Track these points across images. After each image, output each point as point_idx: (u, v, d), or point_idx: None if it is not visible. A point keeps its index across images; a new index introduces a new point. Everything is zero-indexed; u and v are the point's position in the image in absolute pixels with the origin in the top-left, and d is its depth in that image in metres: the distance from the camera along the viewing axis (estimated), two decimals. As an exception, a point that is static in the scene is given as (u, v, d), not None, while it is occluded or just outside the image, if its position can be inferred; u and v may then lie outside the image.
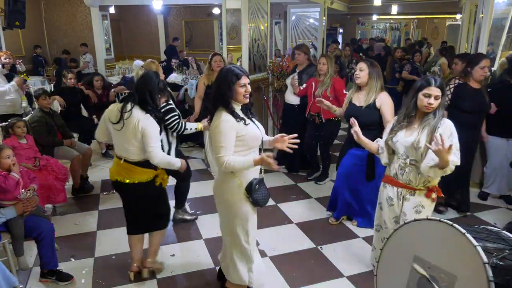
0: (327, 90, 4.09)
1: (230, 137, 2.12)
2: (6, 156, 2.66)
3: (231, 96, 2.15)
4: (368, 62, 3.17)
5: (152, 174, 2.54)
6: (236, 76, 2.13)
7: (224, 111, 2.15)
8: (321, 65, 4.09)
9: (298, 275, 2.83)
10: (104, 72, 7.84)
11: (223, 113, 2.14)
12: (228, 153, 2.12)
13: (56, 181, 3.51)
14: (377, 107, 3.10)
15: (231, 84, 2.13)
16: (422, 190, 2.35)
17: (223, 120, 2.11)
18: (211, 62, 4.33)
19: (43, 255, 2.67)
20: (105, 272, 2.87)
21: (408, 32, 15.78)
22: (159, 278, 2.81)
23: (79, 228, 3.49)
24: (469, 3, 6.79)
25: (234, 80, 2.13)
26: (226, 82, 2.14)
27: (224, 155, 2.11)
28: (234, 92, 2.15)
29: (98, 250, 3.16)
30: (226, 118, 2.12)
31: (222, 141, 2.11)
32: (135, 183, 2.50)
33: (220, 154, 2.11)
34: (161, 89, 2.55)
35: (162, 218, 2.76)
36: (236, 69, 2.18)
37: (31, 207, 2.63)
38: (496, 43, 4.52)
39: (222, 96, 2.15)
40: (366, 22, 16.57)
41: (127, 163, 2.49)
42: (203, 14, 11.17)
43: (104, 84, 5.53)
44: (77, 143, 4.34)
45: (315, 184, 4.50)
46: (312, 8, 8.91)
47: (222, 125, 2.11)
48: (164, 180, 2.65)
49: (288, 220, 3.67)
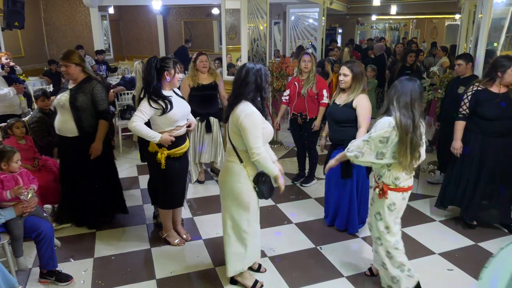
0: (313, 88, 4.11)
1: (261, 128, 2.26)
2: (17, 160, 2.68)
3: (265, 91, 2.36)
4: (350, 66, 3.10)
5: (153, 148, 2.86)
6: (268, 75, 2.41)
7: (249, 104, 2.27)
8: (306, 63, 4.08)
9: (297, 275, 2.83)
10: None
11: (249, 105, 2.26)
12: (261, 144, 2.26)
13: (55, 182, 3.50)
14: (353, 107, 3.13)
15: (268, 80, 2.36)
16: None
17: (255, 112, 2.25)
18: (196, 62, 4.11)
19: (43, 255, 2.67)
20: (104, 273, 2.87)
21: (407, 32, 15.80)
22: (158, 278, 2.81)
23: (78, 229, 3.48)
24: (468, 3, 6.79)
25: (268, 78, 2.39)
26: (265, 79, 2.31)
27: (261, 146, 2.25)
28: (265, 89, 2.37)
29: (98, 250, 3.15)
30: (254, 110, 2.26)
31: (258, 132, 2.24)
32: (149, 152, 2.93)
33: (258, 144, 2.24)
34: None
35: (160, 196, 3.07)
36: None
37: (31, 208, 2.62)
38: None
39: (260, 90, 2.30)
40: (365, 22, 16.59)
41: None
42: (203, 15, 11.18)
43: (103, 85, 5.51)
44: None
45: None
46: (311, 8, 8.92)
47: (255, 116, 2.24)
48: (161, 160, 2.84)
49: (288, 220, 3.67)
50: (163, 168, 2.86)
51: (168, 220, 3.20)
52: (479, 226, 3.51)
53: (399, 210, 2.45)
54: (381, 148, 2.28)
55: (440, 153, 4.53)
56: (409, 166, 2.27)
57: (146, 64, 2.84)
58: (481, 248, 3.23)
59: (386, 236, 2.46)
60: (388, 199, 2.39)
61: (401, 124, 2.21)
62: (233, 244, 2.49)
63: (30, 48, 9.20)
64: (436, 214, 3.77)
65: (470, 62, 4.01)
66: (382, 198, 2.40)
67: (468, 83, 3.95)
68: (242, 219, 2.42)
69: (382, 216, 2.44)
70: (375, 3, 8.58)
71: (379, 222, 2.47)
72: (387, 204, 2.41)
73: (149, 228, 3.52)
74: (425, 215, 3.79)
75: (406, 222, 3.60)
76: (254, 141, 2.22)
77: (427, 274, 2.85)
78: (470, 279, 2.81)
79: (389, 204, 2.41)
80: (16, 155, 2.68)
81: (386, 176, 2.37)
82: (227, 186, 2.42)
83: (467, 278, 2.83)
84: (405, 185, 2.38)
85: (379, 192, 2.40)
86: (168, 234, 3.23)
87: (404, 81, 2.32)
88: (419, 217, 3.75)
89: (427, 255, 3.11)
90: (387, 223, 2.44)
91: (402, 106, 2.24)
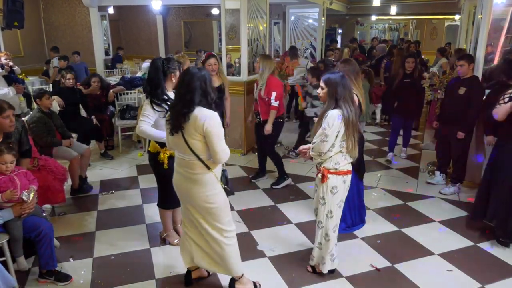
0: (261, 91, 4.09)
1: (223, 131, 2.32)
2: (11, 161, 2.63)
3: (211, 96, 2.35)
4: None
5: (155, 148, 2.88)
6: (211, 80, 2.40)
7: (203, 108, 2.26)
8: (256, 64, 4.07)
9: (296, 275, 2.83)
10: (103, 73, 7.82)
11: (205, 109, 2.24)
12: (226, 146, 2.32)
13: (55, 182, 3.50)
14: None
15: (212, 85, 2.37)
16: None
17: (215, 114, 2.25)
18: (205, 65, 4.12)
19: (42, 255, 2.66)
20: (104, 273, 2.87)
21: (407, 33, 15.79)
22: (158, 278, 2.81)
23: (78, 229, 3.49)
24: (468, 4, 6.80)
25: (212, 83, 2.39)
26: (210, 84, 2.31)
27: (227, 147, 2.30)
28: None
29: (97, 250, 3.15)
30: (213, 112, 2.27)
31: (222, 134, 2.27)
32: (150, 152, 2.96)
33: (224, 146, 2.28)
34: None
35: (161, 196, 3.07)
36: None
37: (29, 209, 2.62)
38: (495, 43, 4.53)
39: (206, 95, 2.27)
40: (365, 23, 16.59)
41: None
42: (202, 15, 11.17)
43: (102, 85, 5.53)
44: (76, 144, 4.33)
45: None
46: (311, 8, 8.91)
47: (217, 118, 2.24)
48: (164, 160, 2.85)
49: (287, 221, 3.67)
50: (165, 168, 2.84)
51: (168, 220, 3.20)
52: (477, 227, 3.52)
53: (342, 194, 2.65)
54: (334, 140, 2.51)
55: (439, 154, 4.53)
56: (353, 150, 2.56)
57: (151, 66, 2.84)
58: (480, 249, 3.23)
59: (328, 220, 2.68)
60: (330, 183, 2.59)
61: (348, 116, 2.49)
62: (225, 247, 2.43)
63: (30, 48, 9.19)
64: (437, 215, 3.77)
65: (472, 63, 4.02)
66: (325, 182, 2.60)
67: (469, 83, 3.96)
68: (225, 221, 2.39)
69: (325, 200, 2.64)
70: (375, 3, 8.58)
71: (323, 206, 2.67)
72: (329, 188, 2.60)
73: (149, 228, 3.52)
74: (424, 215, 3.78)
75: (406, 223, 3.62)
76: (220, 144, 2.20)
77: (426, 275, 2.86)
78: (469, 280, 2.81)
79: (331, 188, 2.60)
80: (7, 156, 2.60)
81: (327, 162, 2.58)
82: (200, 200, 2.31)
83: (466, 279, 2.83)
84: (344, 169, 2.60)
85: (321, 177, 2.60)
86: (168, 234, 3.23)
87: (341, 78, 2.56)
88: (419, 217, 3.75)
89: (427, 255, 3.11)
90: (331, 207, 2.65)
91: (345, 100, 2.51)
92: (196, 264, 2.58)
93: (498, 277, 2.85)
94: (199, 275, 2.74)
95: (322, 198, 2.65)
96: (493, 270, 2.94)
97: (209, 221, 2.37)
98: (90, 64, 8.07)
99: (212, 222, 2.38)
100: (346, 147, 2.54)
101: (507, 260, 3.06)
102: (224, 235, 2.41)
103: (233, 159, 5.04)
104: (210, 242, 2.43)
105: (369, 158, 5.35)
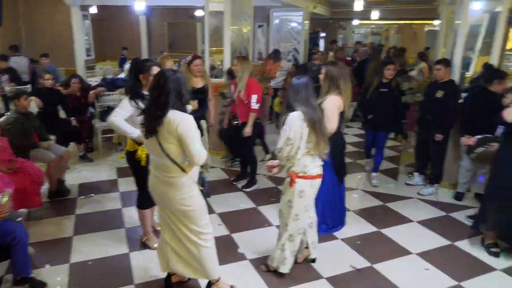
0: (241, 93, 4.11)
1: (198, 133, 2.31)
2: None
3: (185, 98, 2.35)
4: (328, 68, 3.18)
5: (132, 146, 2.86)
6: (186, 82, 2.43)
7: (177, 111, 2.24)
8: (234, 67, 4.10)
9: (277, 278, 2.84)
10: (84, 74, 7.66)
11: (179, 112, 2.21)
12: (202, 147, 2.32)
13: (32, 185, 3.41)
14: (322, 107, 3.11)
15: (186, 87, 2.37)
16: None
17: (189, 117, 2.24)
18: (190, 65, 4.08)
19: (17, 261, 2.58)
20: (81, 278, 2.81)
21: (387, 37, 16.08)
22: (137, 283, 2.77)
23: (55, 233, 3.40)
24: (446, 10, 6.97)
25: (186, 86, 2.39)
26: (184, 86, 2.30)
27: (202, 148, 2.28)
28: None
29: (75, 255, 3.08)
30: (188, 115, 2.25)
31: (197, 137, 2.26)
32: (127, 151, 2.94)
33: (199, 147, 2.25)
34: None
35: (139, 195, 3.03)
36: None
37: (4, 213, 2.54)
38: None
39: (180, 97, 2.25)
40: (348, 27, 16.82)
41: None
42: (186, 16, 11.11)
43: (82, 86, 5.42)
44: (54, 146, 4.23)
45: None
46: (295, 12, 8.99)
47: (191, 121, 2.23)
48: (141, 157, 2.84)
49: (268, 223, 3.67)
50: (143, 165, 2.81)
51: (147, 222, 3.16)
52: (454, 226, 3.61)
53: (309, 197, 2.67)
54: (299, 142, 2.51)
55: (418, 156, 4.62)
56: (318, 146, 2.56)
57: (130, 67, 2.88)
58: (457, 247, 3.31)
59: (294, 222, 2.69)
60: (298, 187, 2.60)
61: (309, 117, 2.51)
62: (202, 249, 2.41)
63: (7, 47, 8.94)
64: (415, 216, 3.85)
65: (449, 67, 4.14)
66: (292, 186, 2.60)
67: (447, 87, 4.07)
68: (202, 224, 2.38)
69: (292, 204, 2.65)
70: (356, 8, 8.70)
71: (290, 209, 2.67)
72: (297, 192, 2.61)
73: (128, 232, 3.46)
74: (402, 216, 3.86)
75: (384, 223, 3.68)
76: (196, 147, 2.18)
77: (404, 274, 2.91)
78: (446, 278, 2.88)
79: (299, 191, 2.61)
80: None
81: (296, 165, 2.59)
82: (176, 203, 2.29)
83: (443, 277, 2.89)
84: (313, 173, 2.62)
85: (289, 181, 2.61)
86: (148, 237, 3.18)
87: (295, 81, 2.63)
88: (398, 218, 3.82)
89: (405, 255, 3.17)
90: (297, 211, 2.66)
91: (302, 103, 2.55)
92: (171, 268, 2.54)
93: (473, 274, 2.94)
94: (179, 279, 2.71)
95: (289, 201, 2.67)
96: (469, 268, 3.02)
97: (186, 223, 2.35)
98: (70, 64, 7.89)
99: (189, 225, 2.36)
100: (311, 146, 2.55)
101: (482, 258, 3.15)
102: (201, 238, 2.39)
103: (214, 161, 5.01)
104: (187, 244, 2.40)
105: (350, 160, 5.42)
